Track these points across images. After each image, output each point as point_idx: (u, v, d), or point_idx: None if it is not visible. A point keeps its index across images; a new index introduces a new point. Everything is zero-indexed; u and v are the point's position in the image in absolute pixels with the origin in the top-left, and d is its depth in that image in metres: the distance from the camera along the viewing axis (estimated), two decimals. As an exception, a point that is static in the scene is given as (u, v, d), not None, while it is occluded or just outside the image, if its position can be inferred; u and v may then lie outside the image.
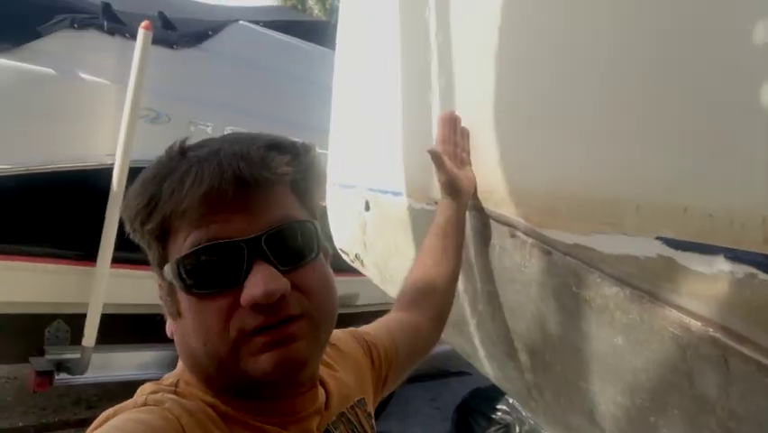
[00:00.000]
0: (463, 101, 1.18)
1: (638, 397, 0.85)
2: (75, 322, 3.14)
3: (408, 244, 1.44)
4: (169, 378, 0.66)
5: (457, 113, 1.19)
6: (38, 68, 2.75)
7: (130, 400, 0.61)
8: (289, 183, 0.64)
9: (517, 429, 4.01)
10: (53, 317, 3.22)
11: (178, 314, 0.62)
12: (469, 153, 1.17)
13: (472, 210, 1.16)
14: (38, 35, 2.77)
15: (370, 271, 1.74)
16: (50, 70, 2.79)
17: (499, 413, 4.09)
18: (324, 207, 2.03)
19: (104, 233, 2.91)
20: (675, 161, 0.73)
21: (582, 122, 0.88)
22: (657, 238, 0.75)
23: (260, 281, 0.57)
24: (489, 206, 1.10)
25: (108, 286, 2.99)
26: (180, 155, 0.61)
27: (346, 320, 0.90)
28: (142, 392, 0.63)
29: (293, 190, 0.65)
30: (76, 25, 2.90)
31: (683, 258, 0.72)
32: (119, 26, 3.02)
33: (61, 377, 3.19)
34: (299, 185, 0.66)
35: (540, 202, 0.96)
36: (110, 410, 0.59)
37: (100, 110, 2.93)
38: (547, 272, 0.97)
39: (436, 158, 1.12)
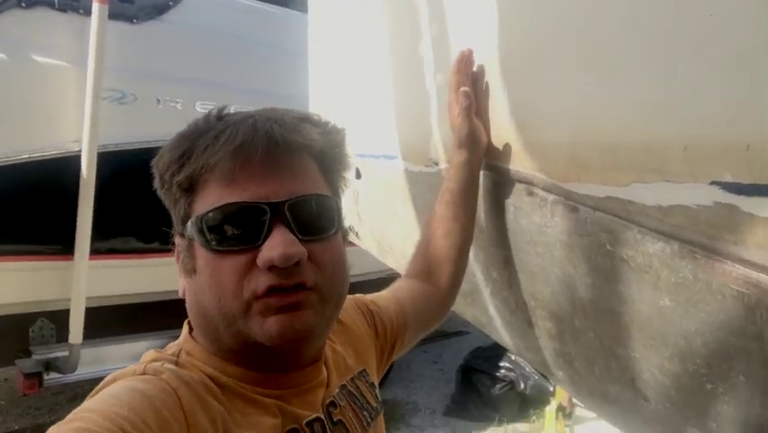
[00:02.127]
0: (463, 44, 1.04)
1: (691, 363, 0.76)
2: (59, 319, 3.03)
3: (408, 209, 1.33)
4: (172, 347, 0.67)
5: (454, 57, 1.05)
6: (-13, 53, 2.55)
7: (130, 368, 0.61)
8: (317, 157, 0.66)
9: (522, 385, 4.00)
10: (35, 315, 3.10)
11: (193, 270, 0.63)
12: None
13: (481, 169, 1.05)
14: (-17, 18, 2.56)
15: (366, 242, 1.63)
16: (2, 55, 2.59)
17: (503, 371, 4.08)
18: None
19: (78, 223, 2.76)
20: (733, 90, 0.61)
21: (612, 51, 0.75)
22: (713, 183, 0.64)
23: (279, 244, 0.58)
24: (500, 162, 0.99)
25: (89, 279, 2.85)
26: (217, 119, 0.64)
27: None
28: (144, 360, 0.63)
29: (319, 166, 0.67)
30: (24, 4, 2.68)
31: (748, 204, 0.61)
32: (70, 2, 2.80)
33: (51, 377, 3.09)
34: (326, 161, 0.67)
35: (563, 153, 0.85)
36: (110, 376, 0.60)
37: (60, 94, 2.75)
38: (574, 231, 0.86)
39: (469, 105, 0.99)
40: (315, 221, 0.63)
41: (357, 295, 0.92)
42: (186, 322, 0.69)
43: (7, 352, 3.07)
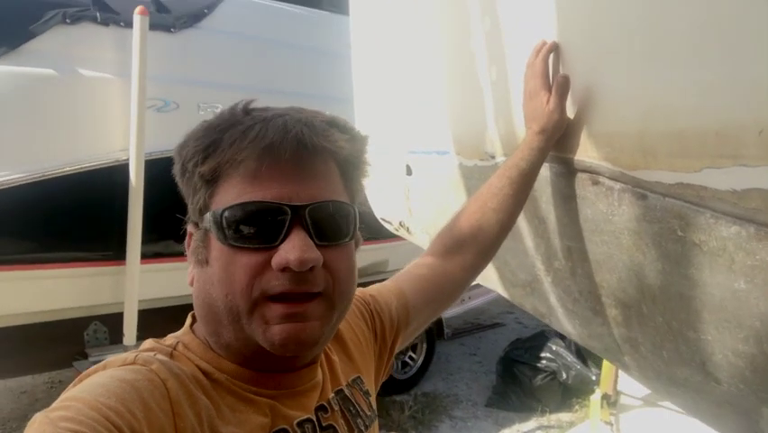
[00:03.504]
0: (519, 33, 1.06)
1: (768, 343, 0.77)
2: (111, 322, 3.12)
3: (462, 203, 1.35)
4: (169, 339, 0.67)
5: (509, 50, 1.06)
6: (38, 70, 2.64)
7: (121, 356, 0.61)
8: (340, 164, 0.66)
9: (564, 375, 3.99)
10: (89, 319, 3.20)
11: (206, 261, 0.63)
12: None
13: (540, 160, 1.06)
14: (32, 35, 2.65)
15: (418, 237, 1.66)
16: (51, 71, 2.68)
17: (544, 361, 4.07)
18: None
19: (129, 230, 2.84)
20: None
21: (682, 36, 0.76)
22: (791, 166, 0.65)
23: (298, 248, 0.58)
24: (563, 152, 1.01)
25: (140, 282, 2.94)
26: (244, 113, 0.63)
27: None
28: (140, 349, 0.64)
29: (341, 173, 0.67)
30: (68, 20, 2.76)
31: (828, 185, 0.63)
32: (112, 15, 2.88)
33: (107, 379, 3.19)
34: (348, 168, 0.67)
35: (630, 142, 0.86)
36: (100, 364, 0.60)
37: (106, 106, 2.83)
38: (643, 218, 0.88)
39: (565, 91, 0.98)
40: (332, 227, 0.63)
41: (357, 293, 0.89)
42: (190, 315, 0.69)
43: (65, 355, 3.18)
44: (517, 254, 1.22)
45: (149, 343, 0.66)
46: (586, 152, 0.95)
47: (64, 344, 3.17)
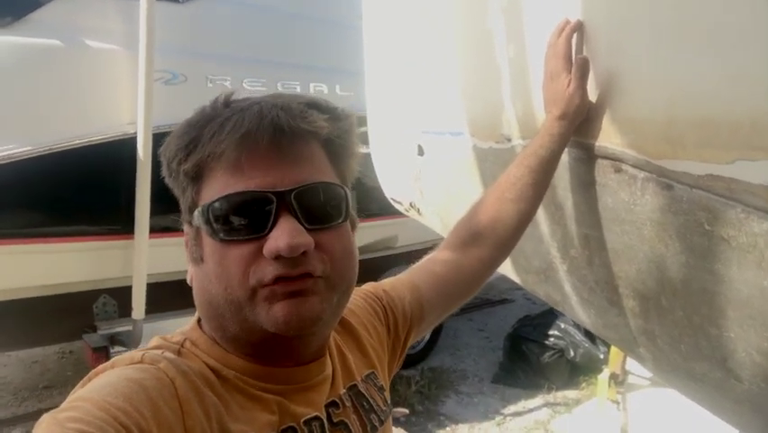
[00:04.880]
0: (539, 11, 1.00)
1: (797, 344, 0.74)
2: (120, 295, 3.14)
3: (476, 186, 1.32)
4: (177, 335, 0.67)
5: (528, 27, 1.01)
6: (43, 40, 2.60)
7: (128, 355, 0.61)
8: (325, 145, 0.65)
9: (572, 353, 3.99)
10: (98, 292, 3.22)
11: (200, 259, 0.63)
12: None
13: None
14: (37, 5, 2.60)
15: (428, 219, 1.63)
16: (57, 42, 2.64)
17: (552, 339, 4.07)
18: (368, 156, 1.90)
19: (137, 203, 2.83)
20: None
21: (714, 20, 0.72)
22: (832, 161, 0.61)
23: (286, 234, 0.58)
24: (584, 138, 0.96)
25: (149, 256, 2.94)
26: (224, 106, 0.62)
27: (387, 262, 0.87)
28: (148, 346, 0.64)
29: (327, 154, 0.65)
30: (74, -11, 2.71)
31: None
32: (118, -15, 2.83)
33: (116, 350, 3.22)
34: (334, 149, 0.66)
35: (656, 130, 0.82)
36: (108, 363, 0.60)
37: (113, 78, 2.79)
38: (668, 209, 0.84)
39: (585, 74, 0.94)
40: (322, 209, 0.62)
41: (369, 285, 0.90)
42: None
43: (74, 327, 3.21)
44: (532, 241, 1.19)
45: (156, 340, 0.65)
46: (609, 139, 0.91)
47: (73, 317, 3.20)
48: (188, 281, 0.66)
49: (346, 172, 0.69)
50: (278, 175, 0.59)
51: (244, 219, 0.59)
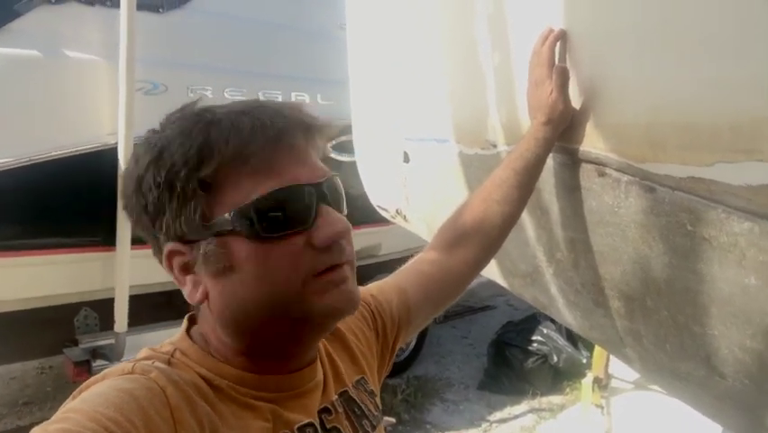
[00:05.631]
0: (524, 19, 1.02)
1: (778, 340, 0.76)
2: (102, 308, 3.09)
3: (462, 193, 1.33)
4: (166, 346, 0.66)
5: (513, 34, 1.03)
6: (21, 51, 2.56)
7: (119, 366, 0.60)
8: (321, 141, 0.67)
9: (555, 359, 4.03)
10: (79, 305, 3.17)
11: (228, 269, 0.61)
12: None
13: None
14: (15, 15, 2.56)
15: (415, 226, 1.64)
16: (35, 52, 2.61)
17: (535, 344, 4.10)
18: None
19: (119, 215, 2.79)
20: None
21: (694, 25, 0.74)
22: (808, 162, 0.64)
23: (336, 222, 0.60)
24: (568, 143, 0.98)
25: (131, 268, 2.90)
26: (205, 111, 0.61)
27: (370, 271, 0.89)
28: (137, 357, 0.63)
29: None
30: (52, 0, 2.68)
31: None
32: (98, -5, 2.80)
33: (98, 364, 3.17)
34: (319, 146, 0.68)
35: (639, 134, 0.84)
36: (99, 375, 0.59)
37: (93, 88, 2.75)
38: (651, 211, 0.86)
39: (565, 82, 0.96)
40: (341, 198, 0.65)
41: None
42: (185, 318, 0.68)
43: (55, 341, 3.15)
44: (518, 245, 1.20)
45: (145, 351, 0.64)
46: (592, 143, 0.93)
47: (54, 330, 3.14)
48: (197, 301, 0.63)
49: None
50: (307, 169, 0.61)
51: (289, 214, 0.60)
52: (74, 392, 0.57)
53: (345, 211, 0.66)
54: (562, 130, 0.98)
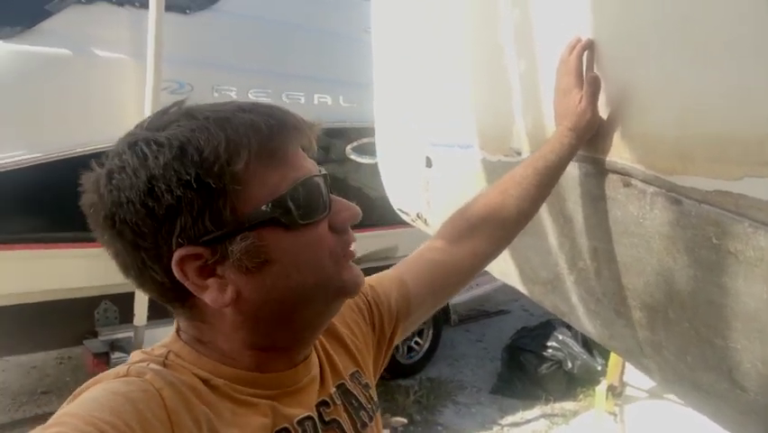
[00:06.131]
0: (551, 28, 1.03)
1: (802, 356, 0.76)
2: (121, 301, 3.15)
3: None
4: (158, 348, 0.66)
5: (539, 43, 1.03)
6: (53, 49, 2.63)
7: (113, 370, 0.60)
8: None
9: (569, 365, 4.01)
10: (100, 298, 3.23)
11: (264, 262, 0.61)
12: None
13: (569, 159, 1.05)
14: (47, 14, 2.63)
15: (435, 230, 1.65)
16: (66, 51, 2.67)
17: (550, 350, 4.09)
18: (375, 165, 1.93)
19: (141, 211, 2.84)
20: None
21: (725, 39, 0.74)
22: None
23: (349, 205, 0.67)
24: (594, 153, 0.99)
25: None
26: (203, 110, 0.62)
27: None
28: (130, 361, 0.63)
29: None
30: (83, 0, 2.74)
31: None
32: (127, -4, 2.86)
33: (117, 356, 3.23)
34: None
35: (666, 145, 0.85)
36: (92, 379, 0.59)
37: (121, 87, 2.81)
38: (677, 224, 0.87)
39: (596, 91, 0.97)
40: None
41: None
42: (175, 323, 0.68)
43: (75, 333, 3.21)
44: (540, 252, 1.21)
45: (138, 355, 0.65)
46: (619, 154, 0.94)
47: (75, 322, 3.20)
48: (225, 304, 0.61)
49: None
50: (310, 163, 0.66)
51: (315, 202, 0.64)
52: (70, 397, 0.57)
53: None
54: (588, 139, 0.99)
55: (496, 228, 0.98)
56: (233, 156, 0.58)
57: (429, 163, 1.54)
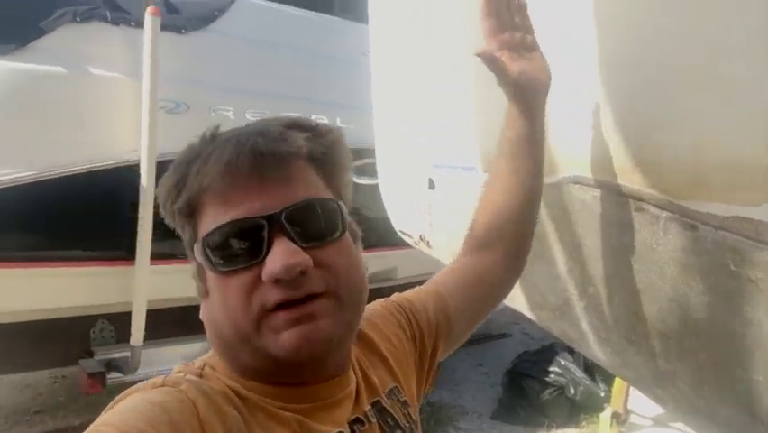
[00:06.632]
0: (555, 49, 1.01)
1: (829, 391, 0.72)
2: (118, 321, 3.11)
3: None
4: (198, 362, 0.67)
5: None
6: (47, 67, 2.61)
7: (150, 380, 0.61)
8: (312, 162, 0.65)
9: (572, 391, 3.93)
10: (96, 318, 3.18)
11: (206, 293, 0.64)
12: (533, 33, 0.94)
13: (577, 182, 1.02)
14: (41, 32, 2.62)
15: (438, 252, 1.61)
16: (61, 69, 2.65)
17: (552, 376, 4.01)
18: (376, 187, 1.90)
19: (139, 230, 2.81)
20: None
21: (741, 64, 0.72)
22: None
23: (280, 256, 0.57)
24: (604, 177, 0.96)
25: (149, 283, 2.91)
26: (210, 140, 0.63)
27: (386, 294, 0.88)
28: (176, 371, 0.65)
29: (317, 170, 0.65)
30: (78, 18, 2.72)
31: None
32: (123, 15, 2.85)
33: (113, 376, 3.17)
34: (323, 164, 0.66)
35: (680, 171, 0.82)
36: (130, 388, 0.60)
37: (115, 106, 2.80)
38: (691, 250, 0.83)
39: (491, 60, 0.91)
40: (316, 226, 0.62)
41: (392, 297, 0.88)
42: None
43: (71, 352, 3.15)
44: (548, 277, 1.18)
45: (178, 367, 0.67)
46: (630, 178, 0.90)
47: (71, 341, 3.15)
48: (201, 317, 0.67)
49: (339, 186, 0.68)
50: (265, 199, 0.60)
51: (239, 248, 0.59)
52: (109, 405, 0.58)
53: (335, 236, 0.63)
54: (601, 163, 0.95)
55: (502, 234, 0.95)
56: (179, 194, 0.62)
57: (432, 185, 1.51)
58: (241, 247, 0.59)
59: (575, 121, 1.00)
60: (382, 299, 0.87)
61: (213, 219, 0.60)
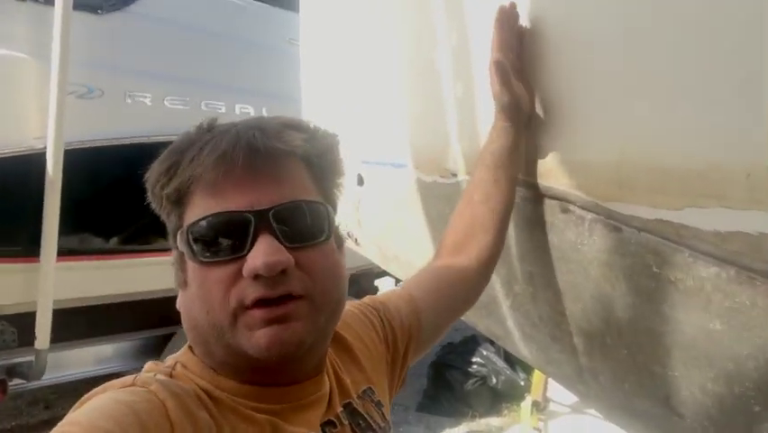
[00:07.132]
0: (485, 50, 1.00)
1: (739, 385, 0.76)
2: (21, 322, 2.87)
3: (418, 222, 1.30)
4: (169, 360, 0.67)
5: (477, 63, 1.00)
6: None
7: (120, 379, 0.60)
8: (306, 163, 0.65)
9: (494, 380, 4.05)
10: (-5, 319, 2.93)
11: (185, 283, 0.63)
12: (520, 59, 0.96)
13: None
14: (-66, 5, 2.37)
15: (367, 249, 1.59)
16: (-44, 46, 2.41)
17: (475, 366, 4.12)
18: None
19: (44, 224, 2.60)
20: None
21: (670, 74, 0.74)
22: (779, 211, 0.64)
23: (263, 253, 0.58)
24: (531, 177, 0.97)
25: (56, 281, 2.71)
26: (207, 130, 0.63)
27: None
28: (143, 371, 0.64)
29: (309, 172, 0.66)
30: (-22, -9, 2.50)
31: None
32: (30, -11, 2.63)
33: (15, 383, 2.94)
34: (315, 167, 0.66)
35: (607, 173, 0.83)
36: (99, 388, 0.59)
37: (20, 88, 2.58)
38: (615, 251, 0.85)
39: (504, 73, 0.91)
40: (302, 227, 0.62)
41: (365, 299, 0.90)
42: None
43: (-34, 358, 2.90)
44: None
45: (149, 365, 0.66)
46: (557, 179, 0.91)
47: (-34, 345, 2.89)
48: (178, 307, 0.66)
49: (330, 190, 0.69)
50: (255, 195, 0.60)
51: (224, 240, 0.59)
52: (75, 404, 0.57)
53: (320, 239, 0.63)
54: (527, 164, 0.97)
55: (477, 239, 0.97)
56: (170, 180, 0.61)
57: (361, 181, 1.49)
58: (225, 239, 0.59)
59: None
60: (356, 301, 0.88)
61: (200, 209, 0.60)
